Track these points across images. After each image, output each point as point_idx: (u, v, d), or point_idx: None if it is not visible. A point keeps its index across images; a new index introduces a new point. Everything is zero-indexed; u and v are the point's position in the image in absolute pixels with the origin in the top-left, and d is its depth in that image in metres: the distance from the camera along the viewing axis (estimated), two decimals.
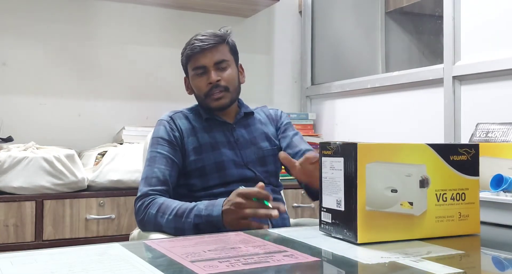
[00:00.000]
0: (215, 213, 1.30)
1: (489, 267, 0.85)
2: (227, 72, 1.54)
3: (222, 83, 1.52)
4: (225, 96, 1.53)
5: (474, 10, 2.01)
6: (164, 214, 1.36)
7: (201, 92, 1.54)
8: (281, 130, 1.66)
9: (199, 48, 1.52)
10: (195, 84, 1.56)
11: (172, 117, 1.56)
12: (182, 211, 1.34)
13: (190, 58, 1.55)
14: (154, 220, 1.38)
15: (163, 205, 1.38)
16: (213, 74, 1.51)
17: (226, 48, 1.56)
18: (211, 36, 1.54)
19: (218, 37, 1.54)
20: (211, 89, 1.52)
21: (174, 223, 1.35)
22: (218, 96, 1.52)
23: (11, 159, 1.94)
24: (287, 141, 1.63)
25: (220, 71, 1.53)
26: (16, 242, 1.93)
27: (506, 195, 1.13)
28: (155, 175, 1.46)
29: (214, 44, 1.53)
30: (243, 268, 0.73)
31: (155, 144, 1.52)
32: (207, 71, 1.53)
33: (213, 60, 1.52)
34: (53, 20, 2.47)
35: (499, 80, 1.90)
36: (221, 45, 1.54)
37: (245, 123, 1.62)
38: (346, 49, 3.04)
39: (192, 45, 1.53)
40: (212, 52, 1.52)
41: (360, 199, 0.89)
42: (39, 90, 2.45)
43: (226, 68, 1.54)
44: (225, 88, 1.53)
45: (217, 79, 1.51)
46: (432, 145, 0.96)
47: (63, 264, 0.76)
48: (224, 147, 1.52)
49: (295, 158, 1.48)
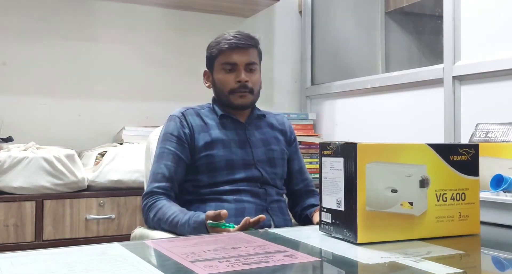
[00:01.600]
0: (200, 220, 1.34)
1: (489, 267, 0.85)
2: (255, 75, 1.58)
3: (249, 85, 1.55)
4: (248, 97, 1.56)
5: (474, 10, 2.01)
6: (159, 220, 1.43)
7: (226, 87, 1.56)
8: (291, 144, 1.69)
9: (235, 45, 1.54)
10: (221, 79, 1.57)
11: (183, 113, 1.57)
12: (174, 224, 1.39)
13: (222, 52, 1.56)
14: (152, 223, 1.46)
15: (160, 210, 1.43)
16: (244, 73, 1.54)
17: (256, 52, 1.60)
18: (247, 37, 1.56)
19: (253, 40, 1.57)
20: (239, 87, 1.54)
21: (168, 229, 1.41)
22: (243, 95, 1.55)
23: (11, 159, 1.94)
24: (299, 165, 1.69)
25: (249, 73, 1.56)
26: (16, 242, 1.93)
27: (506, 195, 1.13)
28: (161, 171, 1.49)
29: (249, 45, 1.56)
30: (243, 268, 0.73)
31: (164, 140, 1.54)
32: (237, 69, 1.55)
33: (246, 60, 1.55)
34: (53, 20, 2.47)
35: (499, 80, 1.90)
36: (254, 48, 1.58)
37: (258, 124, 1.64)
38: (346, 49, 3.04)
39: (229, 41, 1.55)
40: (247, 52, 1.55)
41: (360, 199, 0.89)
42: (39, 90, 2.44)
43: (254, 71, 1.57)
44: (251, 90, 1.56)
45: (246, 79, 1.54)
46: (432, 145, 0.96)
47: (63, 264, 0.76)
48: (235, 146, 1.54)
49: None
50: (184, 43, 2.73)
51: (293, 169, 1.67)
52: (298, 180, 1.67)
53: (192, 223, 1.34)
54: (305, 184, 1.67)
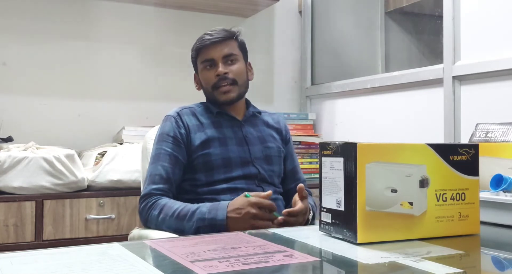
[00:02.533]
0: (220, 218, 1.33)
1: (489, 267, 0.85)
2: (235, 65, 1.57)
3: (230, 76, 1.55)
4: (233, 90, 1.56)
5: (474, 10, 2.01)
6: (166, 215, 1.39)
7: (209, 84, 1.56)
8: (286, 144, 1.69)
9: (209, 41, 1.55)
10: (204, 77, 1.58)
11: (179, 113, 1.57)
12: (184, 213, 1.37)
13: (199, 51, 1.58)
14: (156, 221, 1.41)
15: (166, 206, 1.40)
16: (221, 66, 1.54)
17: (235, 43, 1.60)
18: (221, 31, 1.58)
19: (227, 32, 1.58)
20: (218, 80, 1.54)
21: (175, 224, 1.37)
22: (226, 89, 1.55)
23: (11, 159, 1.94)
24: (292, 164, 1.68)
25: (228, 65, 1.56)
26: (16, 242, 1.93)
27: (506, 195, 1.13)
28: (158, 172, 1.48)
29: (223, 38, 1.57)
30: (243, 268, 0.73)
31: (160, 140, 1.53)
32: (216, 64, 1.56)
33: (222, 53, 1.55)
34: (53, 20, 2.47)
35: (499, 80, 1.90)
36: (230, 40, 1.58)
37: (253, 122, 1.64)
38: (346, 49, 3.04)
39: (202, 39, 1.57)
40: (221, 45, 1.56)
41: (360, 199, 0.89)
42: (39, 90, 2.44)
43: (234, 62, 1.57)
44: (233, 81, 1.55)
45: (225, 72, 1.54)
46: (432, 145, 0.96)
47: (63, 264, 0.76)
48: (232, 144, 1.54)
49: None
50: (184, 43, 2.72)
51: (286, 168, 1.67)
52: (290, 180, 1.66)
53: (209, 205, 1.36)
54: (296, 184, 1.65)
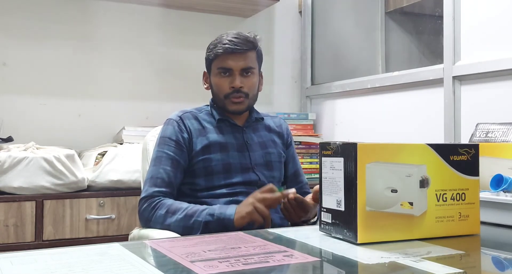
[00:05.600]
0: (228, 212, 1.35)
1: (489, 267, 0.85)
2: (251, 80, 1.55)
3: (244, 90, 1.54)
4: (244, 102, 1.55)
5: (474, 10, 2.01)
6: (173, 214, 1.39)
7: (221, 93, 1.55)
8: (288, 147, 1.69)
9: (231, 50, 1.51)
10: (217, 83, 1.56)
11: (181, 117, 1.56)
12: (194, 211, 1.38)
13: (218, 57, 1.54)
14: (163, 220, 1.40)
15: (173, 205, 1.41)
16: (238, 79, 1.52)
17: (254, 55, 1.57)
18: (244, 41, 1.53)
19: (250, 43, 1.54)
20: (232, 92, 1.53)
21: (184, 222, 1.38)
22: (237, 101, 1.54)
23: (11, 159, 1.94)
24: (294, 167, 1.69)
25: (244, 78, 1.54)
26: (16, 242, 1.93)
27: (506, 195, 1.13)
28: (160, 176, 1.47)
29: (246, 50, 1.53)
30: (243, 268, 0.73)
31: (162, 143, 1.52)
32: (232, 74, 1.53)
33: (241, 65, 1.53)
34: (53, 20, 2.47)
35: (499, 80, 1.90)
36: (251, 51, 1.55)
37: (255, 127, 1.63)
38: (346, 49, 3.04)
39: (224, 45, 1.52)
40: (242, 57, 1.53)
41: (360, 199, 0.89)
42: (39, 90, 2.44)
43: (250, 75, 1.55)
44: (246, 94, 1.54)
45: (240, 86, 1.53)
46: (432, 145, 0.96)
47: (63, 264, 0.76)
48: (233, 150, 1.54)
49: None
50: (184, 43, 2.73)
51: (288, 172, 1.67)
52: (292, 183, 1.67)
53: (219, 205, 1.40)
54: (299, 187, 1.66)
